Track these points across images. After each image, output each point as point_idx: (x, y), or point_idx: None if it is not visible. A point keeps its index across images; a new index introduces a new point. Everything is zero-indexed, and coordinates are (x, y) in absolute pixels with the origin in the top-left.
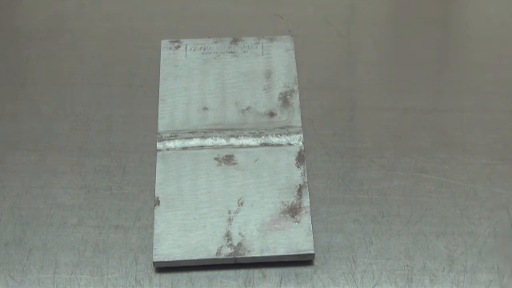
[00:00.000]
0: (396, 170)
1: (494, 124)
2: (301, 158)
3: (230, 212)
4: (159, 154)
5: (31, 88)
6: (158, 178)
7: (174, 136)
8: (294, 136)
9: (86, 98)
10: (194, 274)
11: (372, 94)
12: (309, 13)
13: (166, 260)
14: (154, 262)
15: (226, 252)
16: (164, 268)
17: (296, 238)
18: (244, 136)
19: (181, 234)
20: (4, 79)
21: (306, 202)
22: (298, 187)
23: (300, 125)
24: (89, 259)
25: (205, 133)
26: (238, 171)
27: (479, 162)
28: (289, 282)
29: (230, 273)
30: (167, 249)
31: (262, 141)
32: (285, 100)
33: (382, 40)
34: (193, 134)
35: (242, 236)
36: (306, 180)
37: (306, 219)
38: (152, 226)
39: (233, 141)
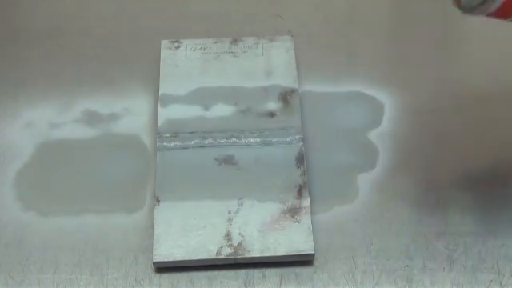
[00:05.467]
0: (396, 169)
1: (494, 124)
2: (301, 158)
3: (229, 212)
4: (159, 153)
5: (31, 88)
6: (158, 178)
7: (174, 136)
8: (294, 136)
9: (85, 98)
10: (194, 274)
11: (372, 95)
12: (309, 13)
13: (165, 260)
14: (153, 262)
15: (226, 252)
16: (164, 268)
17: (296, 238)
18: (244, 136)
19: (181, 234)
20: (4, 79)
21: (306, 201)
22: (298, 187)
23: (300, 125)
24: (89, 259)
25: (205, 133)
26: (238, 171)
27: (479, 161)
28: (289, 282)
29: (230, 273)
30: (167, 249)
31: (262, 141)
32: (285, 100)
33: (381, 40)
34: (193, 134)
35: (242, 236)
36: (306, 180)
37: (305, 219)
38: (152, 226)
39: (233, 141)
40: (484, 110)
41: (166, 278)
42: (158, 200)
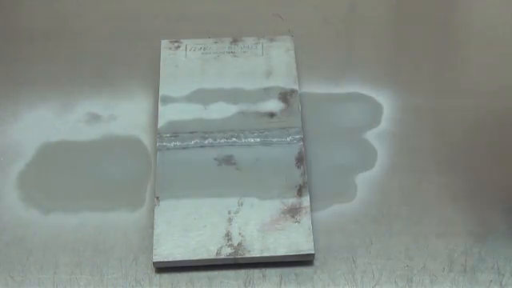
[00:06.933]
0: (396, 169)
1: (493, 124)
2: (301, 158)
3: (229, 212)
4: (159, 153)
5: (31, 88)
6: (158, 178)
7: (174, 136)
8: (294, 136)
9: (85, 98)
10: (194, 274)
11: (372, 94)
12: (309, 13)
13: (165, 260)
14: (154, 262)
15: (226, 252)
16: (164, 268)
17: (296, 238)
18: (244, 136)
19: (181, 234)
20: (4, 79)
21: (306, 201)
22: (298, 187)
23: (300, 125)
24: (89, 259)
25: (205, 133)
26: (237, 171)
27: (479, 162)
28: (289, 282)
29: (230, 273)
30: (167, 249)
31: (262, 141)
32: (285, 100)
33: (381, 40)
34: (193, 133)
35: (242, 236)
36: (306, 180)
37: (305, 219)
38: (152, 226)
39: (233, 141)
40: (484, 110)
41: (166, 278)
42: (158, 200)
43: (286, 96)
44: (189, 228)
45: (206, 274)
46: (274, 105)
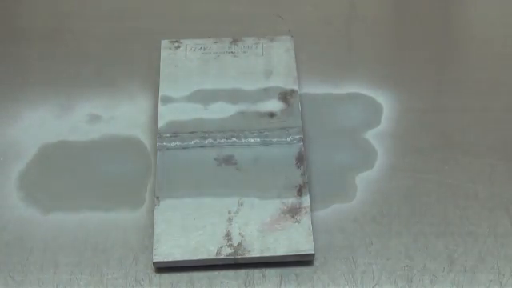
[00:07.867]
0: (396, 169)
1: (493, 124)
2: (301, 158)
3: (229, 212)
4: (159, 153)
5: (31, 88)
6: (158, 178)
7: (174, 136)
8: (294, 136)
9: (86, 98)
10: (194, 274)
11: (372, 95)
12: (309, 13)
13: (165, 260)
14: (154, 262)
15: (226, 252)
16: (164, 268)
17: (296, 238)
18: (244, 136)
19: (181, 234)
20: (4, 79)
21: (306, 201)
22: (298, 187)
23: (300, 125)
24: (89, 259)
25: (205, 133)
26: (237, 171)
27: (479, 162)
28: (289, 282)
29: (230, 273)
30: (167, 249)
31: (262, 141)
32: (285, 100)
33: (381, 40)
34: (193, 133)
35: (242, 236)
36: (306, 180)
37: (306, 219)
38: (152, 226)
39: (233, 141)
40: (484, 110)
41: (166, 277)
42: (158, 200)
43: (286, 96)
44: (189, 228)
45: (206, 274)
46: (273, 105)
